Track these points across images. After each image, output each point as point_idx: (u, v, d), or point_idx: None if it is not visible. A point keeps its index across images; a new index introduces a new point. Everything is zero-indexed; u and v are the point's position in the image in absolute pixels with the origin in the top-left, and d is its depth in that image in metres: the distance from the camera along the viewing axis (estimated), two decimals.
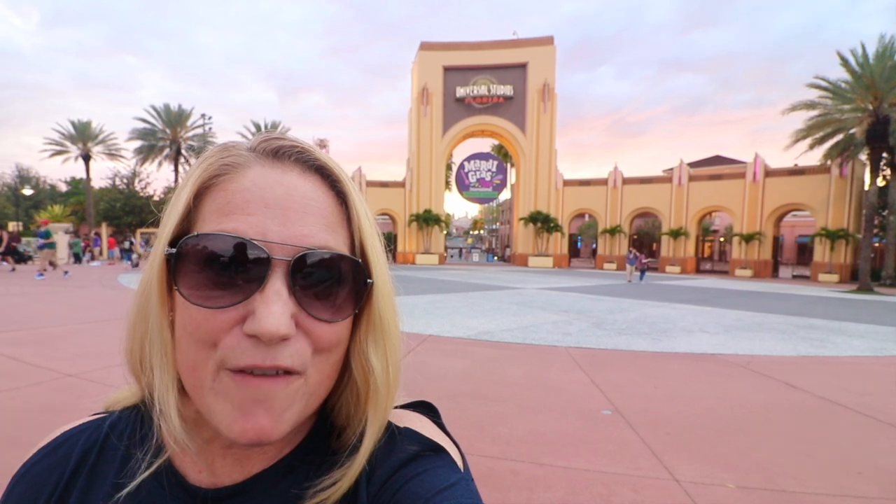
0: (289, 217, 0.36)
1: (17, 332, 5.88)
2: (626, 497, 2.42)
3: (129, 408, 0.45)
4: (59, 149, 30.68)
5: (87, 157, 30.93)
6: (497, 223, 68.39)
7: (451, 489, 0.37)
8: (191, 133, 32.13)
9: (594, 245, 35.02)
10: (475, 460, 2.77)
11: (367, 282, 0.39)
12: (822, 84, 20.35)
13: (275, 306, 0.33)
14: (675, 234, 27.67)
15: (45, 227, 14.70)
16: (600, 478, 2.62)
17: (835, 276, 22.99)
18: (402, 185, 32.11)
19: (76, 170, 63.54)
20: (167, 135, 31.50)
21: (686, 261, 27.86)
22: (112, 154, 32.35)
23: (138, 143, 31.49)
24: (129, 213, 34.70)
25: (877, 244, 25.10)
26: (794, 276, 26.19)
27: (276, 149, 0.39)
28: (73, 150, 30.82)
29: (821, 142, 21.42)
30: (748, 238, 25.55)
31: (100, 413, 0.47)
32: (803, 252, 37.46)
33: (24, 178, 43.52)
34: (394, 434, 0.42)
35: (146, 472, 0.39)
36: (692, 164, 33.17)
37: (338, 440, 0.42)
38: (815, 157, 22.41)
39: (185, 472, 0.40)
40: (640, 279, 19.20)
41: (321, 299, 0.36)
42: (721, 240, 41.12)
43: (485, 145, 39.19)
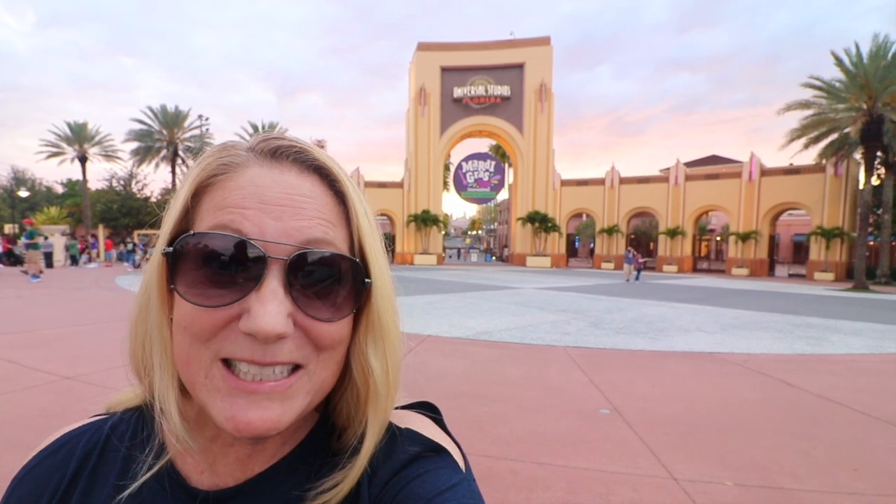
0: (286, 217, 0.36)
1: (14, 335, 5.85)
2: (625, 496, 2.42)
3: (131, 409, 0.45)
4: (55, 150, 30.53)
5: (83, 159, 30.78)
6: (495, 223, 68.41)
7: (452, 490, 0.37)
8: (188, 134, 32.06)
9: (592, 245, 35.09)
10: (475, 460, 2.78)
11: (365, 281, 0.38)
12: (817, 84, 20.44)
13: (270, 305, 0.33)
14: (672, 233, 27.74)
15: (29, 228, 14.49)
16: (599, 477, 2.63)
17: (830, 275, 23.09)
18: (400, 185, 32.10)
19: (72, 171, 63.36)
20: (164, 136, 31.42)
21: (683, 260, 27.93)
22: (108, 155, 32.21)
23: (135, 145, 31.43)
24: (125, 214, 34.57)
25: (872, 242, 25.17)
26: (790, 275, 26.30)
27: (275, 148, 0.39)
28: (70, 152, 30.67)
29: (816, 141, 21.52)
30: (744, 237, 25.64)
31: (101, 415, 0.47)
32: (799, 251, 37.62)
33: (20, 180, 43.28)
34: (395, 435, 0.42)
35: (147, 474, 0.39)
36: (688, 164, 33.27)
37: (338, 441, 0.42)
38: (810, 157, 22.55)
39: (187, 474, 0.40)
40: (636, 279, 19.20)
41: (318, 298, 0.36)
42: (718, 239, 41.20)
43: (482, 146, 39.28)
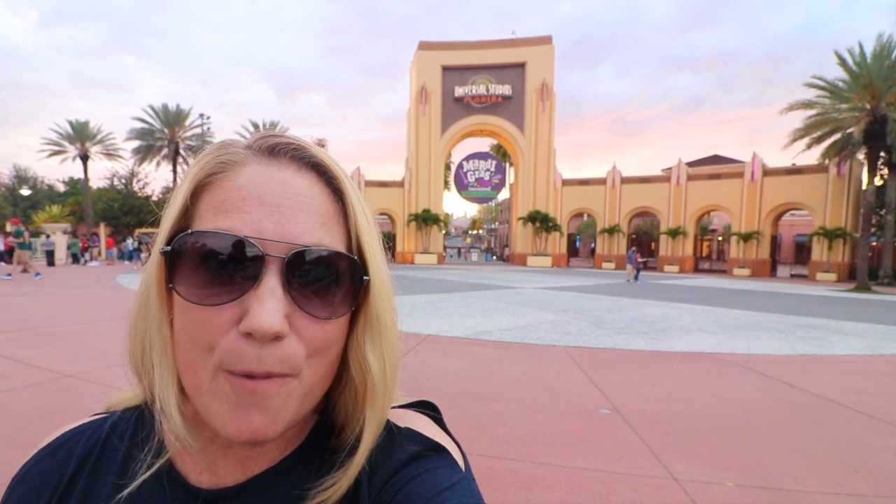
0: (284, 214, 0.35)
1: (14, 333, 5.87)
2: (626, 496, 2.42)
3: (131, 409, 0.45)
4: (56, 149, 30.57)
5: (85, 157, 30.81)
6: (496, 223, 68.40)
7: (452, 489, 0.37)
8: (189, 133, 32.07)
9: (593, 244, 35.05)
10: (474, 460, 2.77)
11: (364, 279, 0.38)
12: (820, 83, 20.39)
13: (269, 303, 0.33)
14: (674, 233, 27.71)
15: (16, 227, 14.18)
16: (599, 477, 2.63)
17: (832, 275, 23.05)
18: (400, 184, 32.11)
19: (74, 170, 63.32)
20: (165, 135, 31.44)
21: (684, 260, 27.90)
22: (110, 154, 32.25)
23: (136, 143, 31.44)
24: (127, 213, 34.62)
25: (874, 243, 25.12)
26: (792, 276, 26.26)
27: (273, 146, 0.39)
28: (71, 150, 30.69)
29: (818, 141, 21.49)
30: (746, 237, 25.60)
31: (100, 413, 0.47)
32: (801, 251, 37.55)
33: (21, 178, 43.36)
34: (395, 434, 0.42)
35: (147, 473, 0.39)
36: (690, 164, 33.23)
37: (338, 439, 0.42)
38: (812, 157, 22.51)
39: (186, 473, 0.40)
40: (636, 279, 19.03)
41: (316, 297, 0.36)
42: (719, 239, 41.14)
43: (483, 145, 39.26)
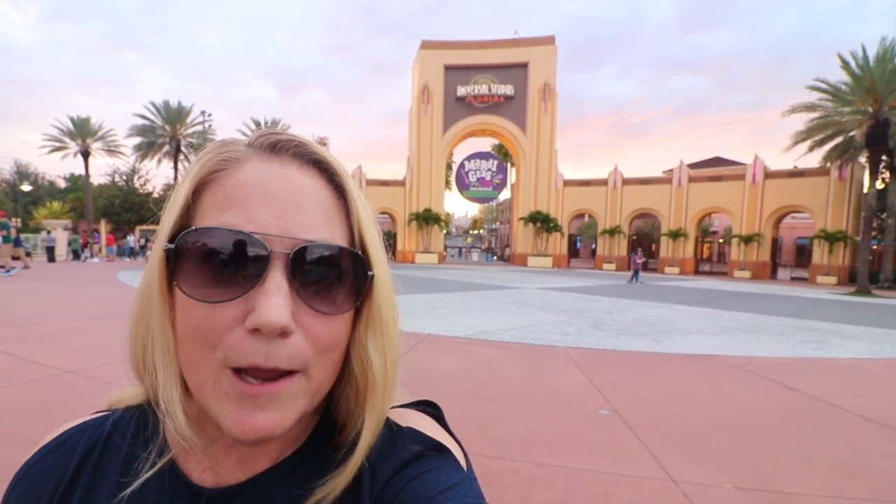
0: (287, 211, 0.36)
1: (14, 329, 5.87)
2: (624, 497, 2.42)
3: (132, 407, 0.45)
4: (58, 145, 30.54)
5: (86, 154, 30.78)
6: (497, 223, 68.41)
7: (454, 489, 0.37)
8: (190, 130, 32.09)
9: (594, 245, 35.03)
10: (474, 460, 2.76)
11: (368, 274, 0.38)
12: (822, 86, 20.38)
13: (275, 298, 0.33)
14: (675, 235, 27.69)
15: (1, 220, 13.38)
16: (598, 478, 2.63)
17: (833, 279, 23.04)
18: (402, 183, 32.10)
19: (75, 166, 63.31)
20: (167, 131, 31.45)
21: (685, 262, 27.89)
22: (111, 150, 32.22)
23: (138, 140, 31.46)
24: (128, 209, 34.63)
25: (875, 247, 25.13)
26: (793, 278, 26.23)
27: (274, 143, 0.39)
28: (72, 147, 30.66)
29: (820, 144, 21.48)
30: (747, 239, 25.59)
31: (102, 411, 0.47)
32: (802, 254, 37.46)
33: (22, 174, 43.39)
34: (397, 433, 0.41)
35: (150, 472, 0.39)
36: (692, 166, 33.18)
37: (339, 437, 0.42)
38: (814, 160, 22.52)
39: (189, 472, 0.40)
40: (635, 279, 18.87)
41: (322, 292, 0.36)
42: (720, 241, 41.12)
43: (485, 145, 39.22)
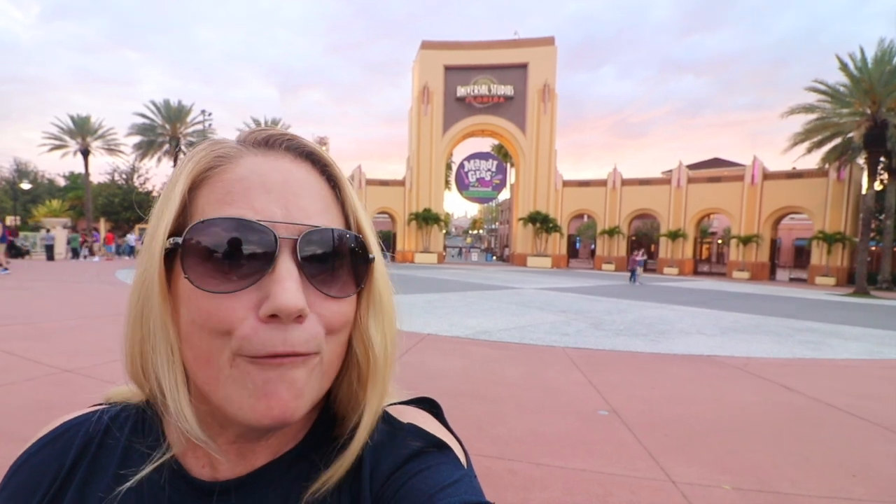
0: (289, 200, 0.37)
1: (13, 327, 5.86)
2: (623, 498, 2.42)
3: (131, 403, 0.45)
4: (57, 143, 30.46)
5: (85, 152, 30.70)
6: (496, 223, 68.42)
7: (454, 486, 0.37)
8: (191, 129, 32.06)
9: (593, 246, 35.06)
10: (473, 460, 2.76)
11: (370, 257, 0.40)
12: (821, 88, 20.39)
13: (288, 283, 0.34)
14: (674, 235, 27.71)
15: None
16: (597, 478, 2.63)
17: (831, 280, 23.07)
18: (401, 183, 32.10)
19: (75, 164, 63.42)
20: (167, 130, 31.43)
21: (684, 262, 27.90)
22: (111, 149, 32.15)
23: (137, 139, 31.41)
24: (127, 208, 34.62)
25: (873, 248, 25.14)
26: (791, 279, 26.27)
27: (266, 138, 0.40)
28: (72, 145, 30.57)
29: (819, 145, 21.49)
30: (746, 240, 25.61)
31: (100, 404, 0.47)
32: (800, 255, 37.51)
33: (22, 172, 43.30)
34: (397, 430, 0.42)
35: (150, 467, 0.39)
36: (691, 167, 33.21)
37: (340, 429, 0.42)
38: (813, 161, 22.52)
39: (189, 467, 0.40)
40: (633, 279, 18.70)
41: (329, 276, 0.37)
42: (719, 242, 41.18)
43: (485, 145, 39.22)
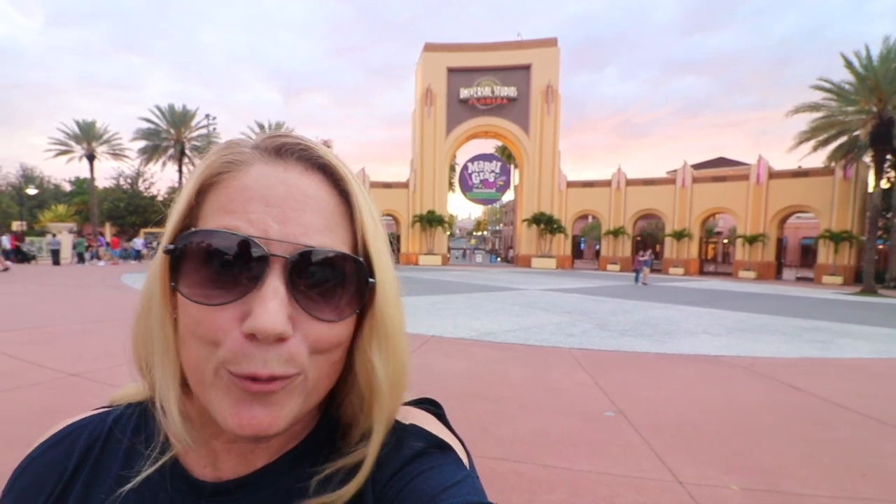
0: (288, 215, 0.35)
1: (19, 332, 5.91)
2: (630, 499, 2.41)
3: (134, 403, 0.45)
4: (63, 148, 30.72)
5: (91, 157, 30.94)
6: (500, 224, 68.35)
7: (457, 486, 0.37)
8: (195, 133, 32.22)
9: (598, 246, 34.95)
10: (478, 461, 2.75)
11: (369, 281, 0.38)
12: (826, 86, 20.27)
13: (271, 304, 0.33)
14: (679, 235, 27.56)
15: None
16: (603, 479, 2.61)
17: (838, 279, 22.87)
18: (405, 185, 32.13)
19: (80, 169, 63.66)
20: (171, 135, 31.58)
21: (689, 262, 27.75)
22: (116, 154, 32.39)
23: (142, 143, 31.58)
24: (132, 212, 34.82)
25: (881, 246, 24.94)
26: (798, 278, 26.06)
27: (279, 146, 0.38)
28: (78, 150, 30.82)
29: (825, 144, 21.33)
30: (752, 240, 25.45)
31: (103, 407, 0.47)
32: (807, 254, 37.28)
33: (28, 177, 43.65)
34: (399, 431, 0.41)
35: (151, 468, 0.39)
36: (696, 166, 33.06)
37: (343, 440, 0.42)
38: (819, 159, 22.33)
39: (190, 467, 0.41)
40: (636, 281, 18.51)
41: (321, 298, 0.35)
42: (725, 241, 40.94)
43: (488, 146, 39.19)
